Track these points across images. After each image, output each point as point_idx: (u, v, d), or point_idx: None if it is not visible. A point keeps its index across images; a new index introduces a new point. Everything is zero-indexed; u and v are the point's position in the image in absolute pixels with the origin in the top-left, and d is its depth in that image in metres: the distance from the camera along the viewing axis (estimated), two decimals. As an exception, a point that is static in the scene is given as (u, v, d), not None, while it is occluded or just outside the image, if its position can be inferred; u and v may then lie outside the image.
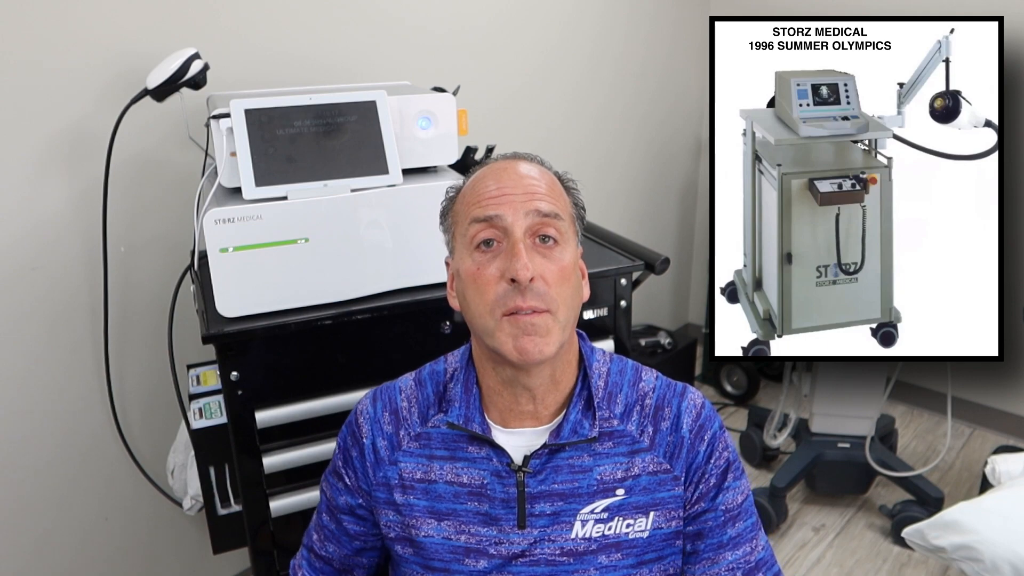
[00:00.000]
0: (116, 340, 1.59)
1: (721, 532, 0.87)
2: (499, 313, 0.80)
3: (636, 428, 0.88)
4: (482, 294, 0.81)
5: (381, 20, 1.89)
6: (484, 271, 0.81)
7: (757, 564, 0.87)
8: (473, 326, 0.85)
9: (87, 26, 1.45)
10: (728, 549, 0.86)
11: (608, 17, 2.47)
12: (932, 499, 2.04)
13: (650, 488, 0.86)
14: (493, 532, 0.86)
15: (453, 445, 0.89)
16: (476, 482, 0.87)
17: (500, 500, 0.86)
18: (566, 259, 0.83)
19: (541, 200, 0.82)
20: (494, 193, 0.82)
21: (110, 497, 1.68)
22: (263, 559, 1.30)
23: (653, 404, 0.89)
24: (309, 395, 1.25)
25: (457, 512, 0.87)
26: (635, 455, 0.87)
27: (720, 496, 0.87)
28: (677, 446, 0.87)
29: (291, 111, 1.18)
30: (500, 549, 0.86)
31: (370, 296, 1.25)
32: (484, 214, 0.82)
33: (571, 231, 0.86)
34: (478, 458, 0.87)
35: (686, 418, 0.88)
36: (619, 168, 2.64)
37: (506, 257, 0.80)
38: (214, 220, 1.11)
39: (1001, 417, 2.56)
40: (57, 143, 1.46)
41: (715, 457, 0.88)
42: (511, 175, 0.84)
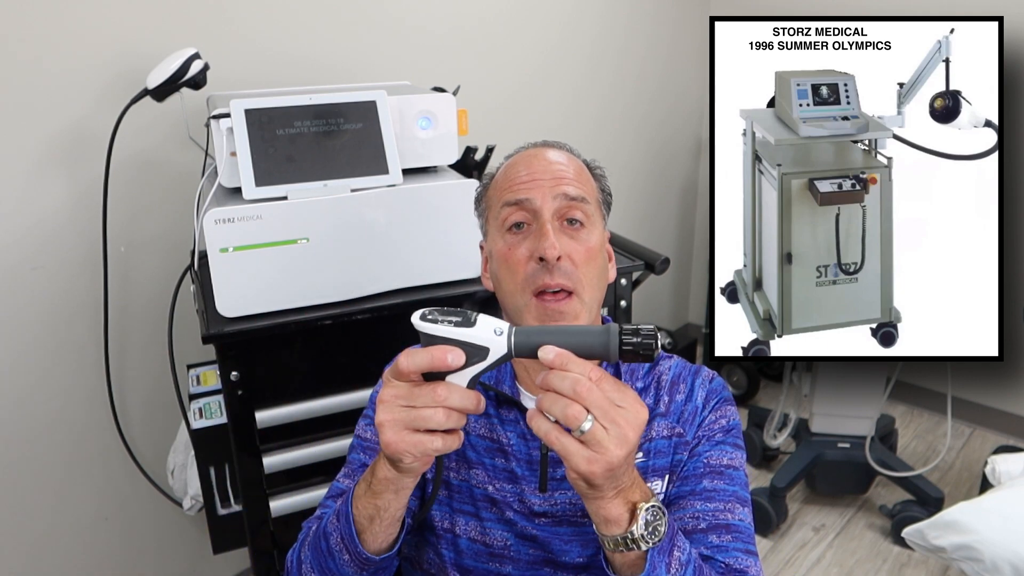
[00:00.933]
0: (116, 340, 1.59)
1: (696, 481, 0.86)
2: (529, 292, 0.84)
3: (653, 401, 0.91)
4: (513, 273, 0.86)
5: (381, 20, 1.89)
6: (515, 251, 0.86)
7: (727, 526, 0.83)
8: (505, 305, 0.90)
9: (87, 26, 1.45)
10: (699, 498, 0.85)
11: (608, 17, 2.47)
12: (932, 499, 2.04)
13: (665, 451, 0.88)
14: (517, 490, 0.89)
15: (487, 402, 0.90)
16: (504, 440, 0.90)
17: (524, 461, 0.89)
18: (593, 240, 0.87)
19: (569, 184, 0.87)
20: (524, 179, 0.88)
21: (110, 497, 1.68)
22: (263, 559, 1.30)
23: (669, 379, 0.93)
24: (309, 395, 1.25)
25: (485, 465, 0.91)
26: (652, 420, 0.89)
27: (709, 450, 0.88)
28: (691, 414, 0.90)
29: (291, 111, 1.18)
30: (523, 506, 0.89)
31: (370, 296, 1.25)
32: (515, 198, 0.87)
33: (598, 215, 0.91)
34: (507, 419, 0.91)
35: (700, 390, 0.92)
36: (619, 168, 2.64)
37: (535, 237, 0.85)
38: (214, 220, 1.11)
39: (1001, 417, 2.56)
40: (57, 143, 1.46)
41: (718, 416, 0.91)
42: (540, 161, 0.89)
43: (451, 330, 0.66)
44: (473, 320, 0.66)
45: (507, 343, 0.66)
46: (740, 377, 2.78)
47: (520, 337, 0.66)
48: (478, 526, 0.90)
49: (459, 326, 0.66)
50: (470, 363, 0.66)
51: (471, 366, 0.66)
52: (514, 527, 0.89)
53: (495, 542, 0.89)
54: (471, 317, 0.67)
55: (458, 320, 0.66)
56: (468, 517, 0.90)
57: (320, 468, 1.28)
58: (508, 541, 0.89)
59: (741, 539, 0.83)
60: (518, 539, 0.88)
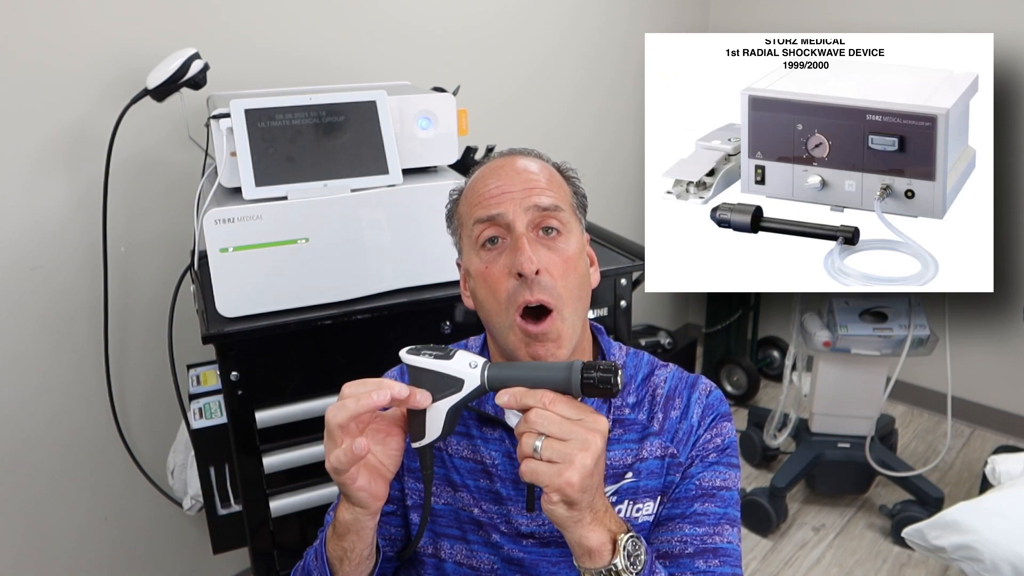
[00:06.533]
0: (116, 340, 1.59)
1: (688, 504, 0.85)
2: (513, 311, 0.81)
3: (646, 416, 0.89)
4: (494, 292, 0.83)
5: (381, 20, 1.89)
6: (492, 268, 0.83)
7: (715, 550, 0.83)
8: (489, 325, 0.87)
9: (87, 26, 1.45)
10: (688, 522, 0.84)
11: (608, 17, 2.47)
12: (932, 499, 2.04)
13: (658, 472, 0.87)
14: (503, 511, 0.88)
15: (468, 423, 0.90)
16: (488, 461, 0.88)
17: (510, 481, 0.87)
18: (571, 249, 0.84)
19: (541, 194, 0.84)
20: (494, 192, 0.84)
21: (110, 497, 1.68)
22: (263, 559, 1.30)
23: (664, 394, 0.90)
24: (309, 395, 1.25)
25: (470, 487, 0.89)
26: (645, 439, 0.87)
27: (702, 471, 0.87)
28: (686, 433, 0.88)
29: (291, 111, 1.18)
30: (510, 527, 0.87)
31: (370, 296, 1.25)
32: (486, 214, 0.83)
33: (573, 220, 0.87)
34: (491, 438, 0.89)
35: (696, 407, 0.89)
36: (619, 168, 2.64)
37: (511, 253, 0.82)
38: (214, 220, 1.11)
39: (1001, 417, 2.56)
40: (57, 143, 1.46)
41: (713, 435, 0.88)
42: (509, 172, 0.86)
43: (431, 362, 0.73)
44: (452, 354, 0.73)
45: (480, 376, 0.72)
46: (740, 377, 2.78)
47: (492, 371, 0.72)
48: (464, 549, 0.89)
49: (438, 359, 0.73)
50: (447, 394, 0.72)
51: (448, 396, 0.73)
52: (500, 550, 0.87)
53: (482, 565, 0.88)
54: (450, 352, 0.74)
55: (438, 354, 0.73)
56: (454, 540, 0.89)
57: (320, 468, 1.27)
58: (495, 565, 0.87)
59: (728, 563, 0.83)
60: (504, 563, 0.87)
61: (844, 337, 1.98)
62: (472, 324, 1.32)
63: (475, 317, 1.31)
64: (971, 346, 2.36)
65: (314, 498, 1.28)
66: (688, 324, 3.24)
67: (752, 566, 2.02)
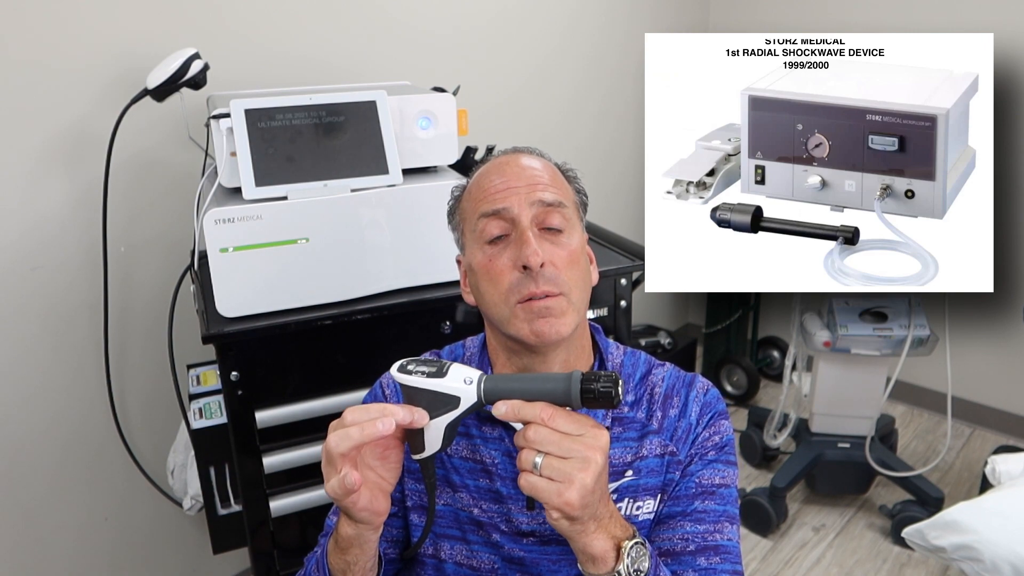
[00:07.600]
0: (116, 340, 1.59)
1: (688, 502, 0.86)
2: (513, 301, 0.82)
3: (646, 415, 0.90)
4: (496, 284, 0.83)
5: (381, 20, 1.89)
6: (496, 262, 0.84)
7: (716, 547, 0.84)
8: (489, 317, 0.87)
9: (87, 26, 1.45)
10: (689, 520, 0.85)
11: (608, 17, 2.47)
12: (932, 499, 2.04)
13: (657, 470, 0.87)
14: (503, 510, 0.88)
15: (468, 422, 0.90)
16: (488, 460, 0.88)
17: (510, 480, 0.88)
18: (574, 244, 0.86)
19: (545, 190, 0.85)
20: (499, 187, 0.85)
21: (110, 497, 1.68)
22: (263, 559, 1.30)
23: (663, 392, 0.91)
24: (309, 395, 1.25)
25: (469, 487, 0.89)
26: (644, 438, 0.88)
27: (701, 469, 0.87)
28: (685, 431, 0.88)
29: (291, 111, 1.18)
30: (510, 526, 0.87)
31: (370, 296, 1.25)
32: (492, 208, 0.84)
33: (576, 217, 0.89)
34: (491, 438, 0.89)
35: (694, 405, 0.90)
36: (619, 168, 2.64)
37: (516, 246, 0.83)
38: (214, 220, 1.11)
39: (1001, 417, 2.56)
40: (57, 143, 1.46)
41: (711, 433, 0.89)
42: (514, 168, 0.87)
43: (423, 381, 0.70)
44: (445, 370, 0.70)
45: (476, 392, 0.69)
46: (740, 377, 2.78)
47: (488, 384, 0.70)
48: (465, 549, 0.89)
49: (431, 376, 0.70)
50: (443, 411, 0.70)
51: (444, 414, 0.70)
52: (501, 550, 0.87)
53: (482, 565, 0.88)
54: (444, 367, 0.70)
55: (431, 371, 0.70)
56: (454, 541, 0.89)
57: (320, 468, 1.27)
58: (495, 564, 0.88)
59: (729, 560, 0.83)
60: (505, 562, 0.87)
61: (844, 337, 1.98)
62: (472, 324, 1.32)
63: (475, 317, 1.32)
64: (971, 346, 2.36)
65: (314, 498, 1.28)
66: (688, 324, 3.24)
67: (752, 566, 2.02)
